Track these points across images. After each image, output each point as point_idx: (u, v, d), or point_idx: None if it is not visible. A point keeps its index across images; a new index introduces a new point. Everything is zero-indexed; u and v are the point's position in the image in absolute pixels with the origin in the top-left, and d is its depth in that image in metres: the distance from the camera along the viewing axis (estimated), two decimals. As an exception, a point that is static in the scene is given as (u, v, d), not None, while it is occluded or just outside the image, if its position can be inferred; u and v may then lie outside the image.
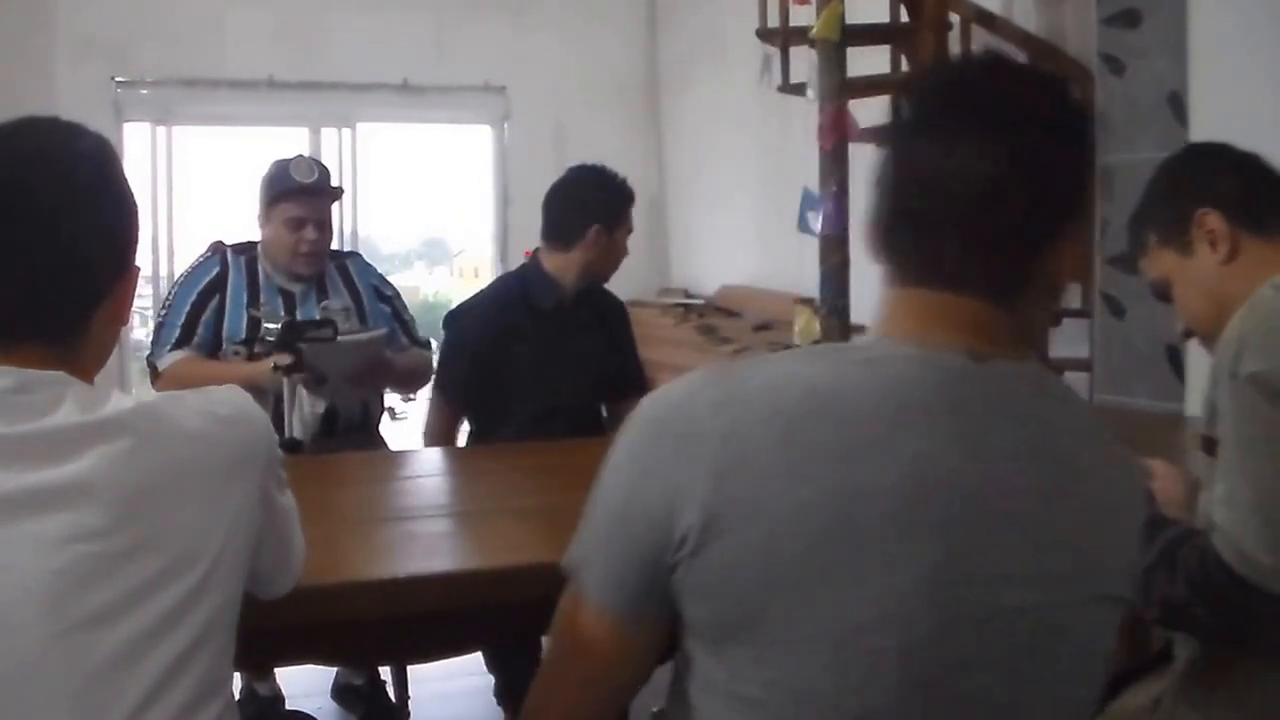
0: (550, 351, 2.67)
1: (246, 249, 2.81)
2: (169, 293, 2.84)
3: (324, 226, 2.79)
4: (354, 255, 3.12)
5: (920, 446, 0.87)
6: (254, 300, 2.73)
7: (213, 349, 2.70)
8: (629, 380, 2.87)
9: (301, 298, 2.78)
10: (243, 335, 2.70)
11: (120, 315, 1.10)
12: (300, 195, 2.73)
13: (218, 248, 2.82)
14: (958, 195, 0.90)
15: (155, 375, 2.70)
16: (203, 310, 2.71)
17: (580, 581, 0.97)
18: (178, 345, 2.69)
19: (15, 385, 0.98)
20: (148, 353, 2.79)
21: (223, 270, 2.76)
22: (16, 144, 1.04)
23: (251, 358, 2.67)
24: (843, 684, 0.86)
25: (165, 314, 2.76)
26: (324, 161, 6.08)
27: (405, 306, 2.99)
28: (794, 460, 0.86)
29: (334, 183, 2.90)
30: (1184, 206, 1.46)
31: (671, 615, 0.94)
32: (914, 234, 0.93)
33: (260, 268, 2.78)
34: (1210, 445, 1.32)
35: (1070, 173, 0.95)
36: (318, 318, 2.70)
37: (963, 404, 0.89)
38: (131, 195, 1.09)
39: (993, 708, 0.89)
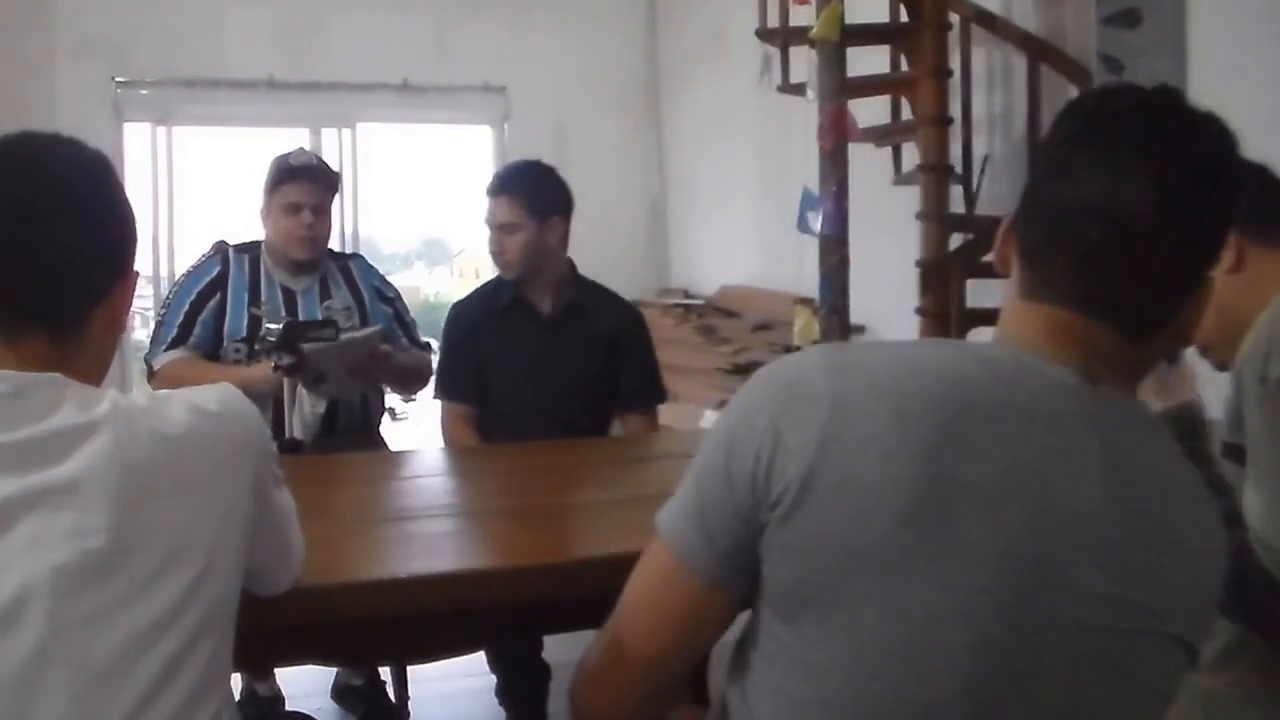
0: (533, 354, 2.66)
1: (250, 248, 2.82)
2: (169, 292, 2.85)
3: (321, 213, 2.80)
4: (356, 257, 3.12)
5: (1017, 450, 0.88)
6: (255, 298, 2.73)
7: (213, 347, 2.70)
8: (637, 394, 2.77)
9: (303, 296, 2.79)
10: (244, 333, 2.70)
11: (119, 318, 1.12)
12: (296, 178, 2.75)
13: (220, 247, 2.83)
14: (1126, 227, 0.90)
15: (151, 374, 2.70)
16: (201, 310, 2.71)
17: (670, 535, 0.99)
18: (174, 345, 2.69)
19: (12, 390, 1.00)
20: (146, 352, 2.80)
21: (224, 269, 2.76)
22: (16, 152, 1.08)
23: (252, 356, 2.68)
24: (908, 670, 0.87)
25: (164, 313, 2.77)
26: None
27: (407, 309, 3.00)
28: (896, 438, 0.87)
29: (333, 175, 2.92)
30: None
31: (748, 586, 0.96)
32: (1066, 255, 0.93)
33: (263, 266, 2.79)
34: (1236, 453, 1.31)
35: (1226, 223, 0.96)
36: (320, 318, 2.71)
37: (1065, 418, 0.91)
38: (127, 203, 1.13)
39: None
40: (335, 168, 6.62)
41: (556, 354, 2.68)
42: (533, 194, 2.68)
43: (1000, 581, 0.86)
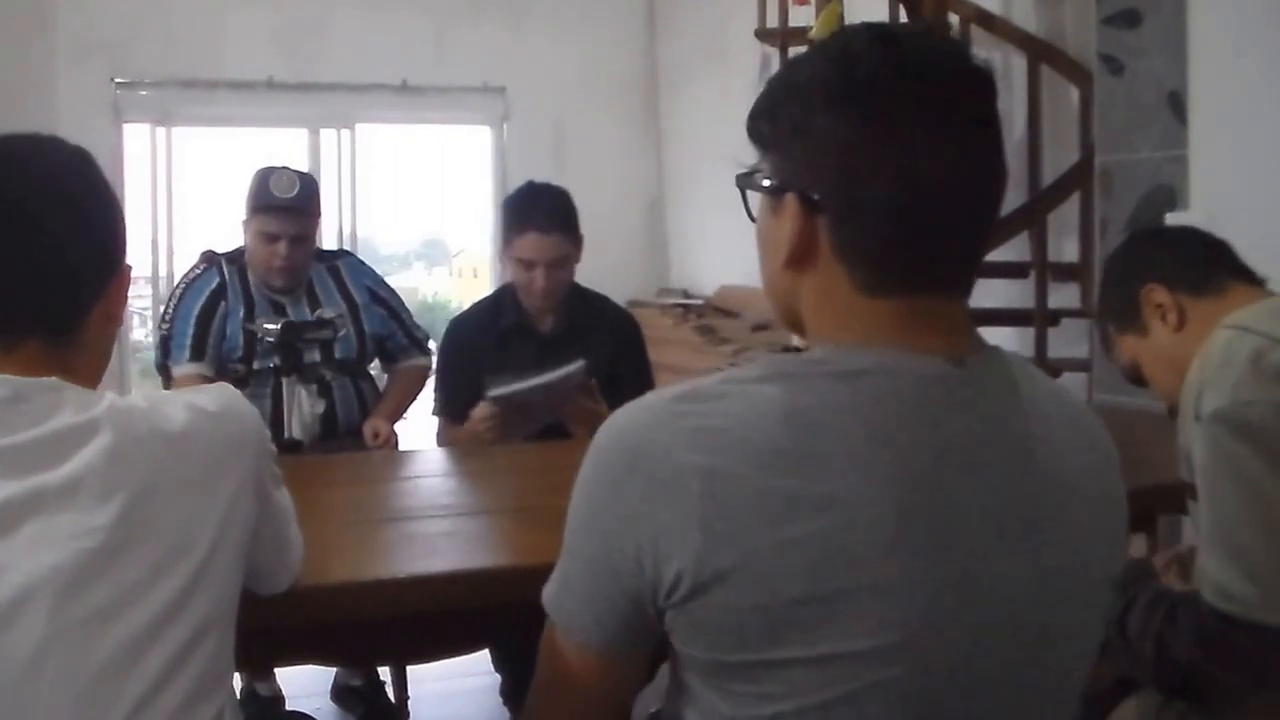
0: (533, 367, 2.64)
1: (237, 257, 2.78)
2: (168, 305, 2.78)
3: (302, 241, 2.73)
4: (345, 255, 3.07)
5: (903, 467, 0.83)
6: (250, 314, 2.71)
7: (219, 367, 2.68)
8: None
9: (293, 307, 2.76)
10: (240, 351, 2.68)
11: (115, 315, 1.12)
12: (275, 211, 2.67)
13: (211, 258, 2.78)
14: (956, 198, 0.87)
15: (168, 383, 2.66)
16: (210, 319, 2.68)
17: (561, 620, 0.95)
18: (194, 357, 2.65)
19: (11, 395, 1.00)
20: (155, 358, 2.76)
21: (222, 281, 2.73)
22: None
23: (250, 371, 2.66)
24: (855, 715, 0.83)
25: (168, 324, 2.72)
26: (322, 163, 6.00)
27: (402, 303, 2.97)
28: (779, 499, 0.81)
29: (320, 195, 2.84)
30: (1129, 289, 1.55)
31: (656, 644, 0.92)
32: (906, 238, 0.87)
33: (250, 278, 2.76)
34: (1194, 492, 1.35)
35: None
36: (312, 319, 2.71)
37: (944, 415, 0.86)
38: (115, 198, 1.12)
39: (1007, 706, 0.88)
40: (334, 169, 6.60)
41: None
42: (574, 221, 2.63)
43: (922, 605, 0.82)
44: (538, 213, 2.57)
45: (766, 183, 0.94)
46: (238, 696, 1.19)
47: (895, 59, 0.87)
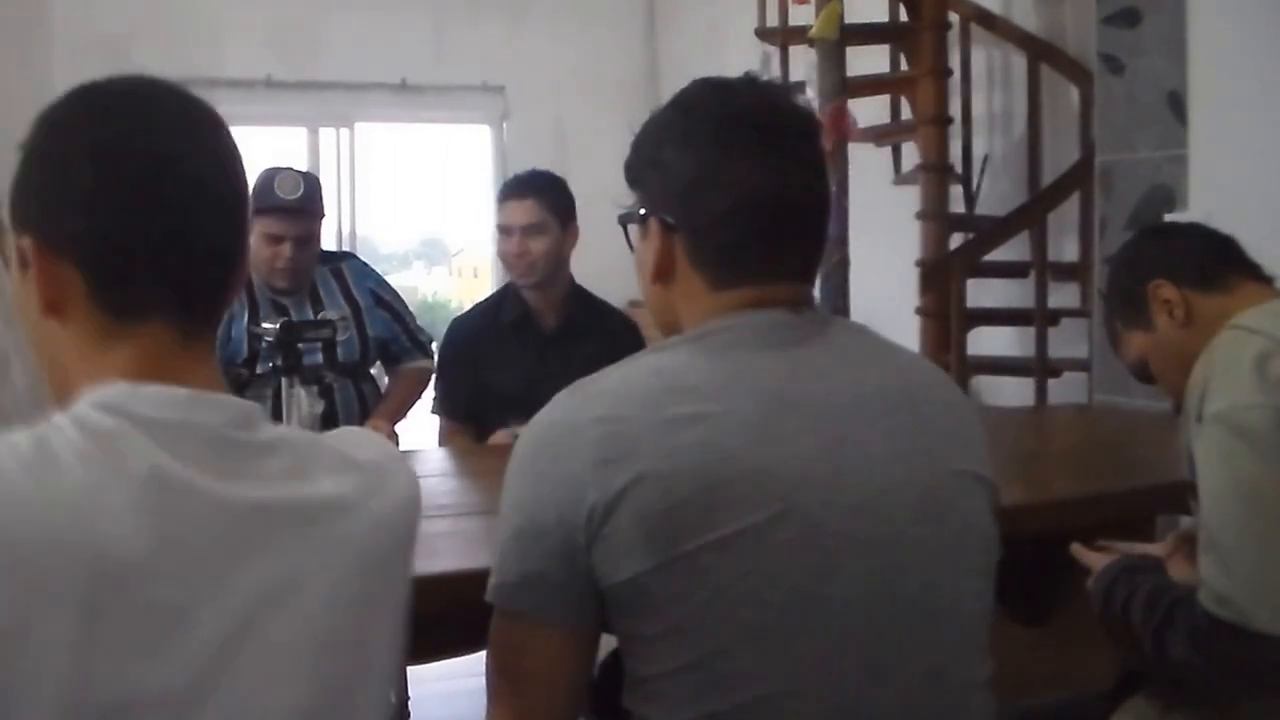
0: (535, 370, 2.63)
1: None
2: None
3: (306, 242, 2.72)
4: (349, 257, 3.06)
5: (759, 382, 1.02)
6: (254, 316, 2.70)
7: (223, 372, 2.67)
8: None
9: (296, 310, 2.75)
10: (244, 355, 2.67)
11: (229, 301, 0.98)
12: (280, 213, 2.66)
13: None
14: (780, 213, 1.08)
15: None
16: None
17: (508, 604, 1.05)
18: None
19: (239, 418, 0.86)
20: None
21: None
22: (190, 112, 0.88)
23: (253, 375, 2.66)
24: (763, 582, 0.96)
25: None
26: (322, 162, 5.96)
27: (405, 306, 2.96)
28: (661, 422, 0.99)
29: (324, 195, 2.82)
30: (1136, 286, 1.55)
31: (598, 613, 1.02)
32: (744, 244, 1.09)
33: (254, 280, 2.75)
34: (1196, 492, 1.35)
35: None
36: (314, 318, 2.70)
37: (789, 347, 1.06)
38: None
39: (903, 578, 1.01)
40: (333, 168, 6.56)
41: (558, 372, 2.64)
42: (557, 197, 2.67)
43: (803, 477, 0.98)
44: (514, 182, 2.72)
45: (639, 214, 1.15)
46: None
47: (727, 106, 1.10)
